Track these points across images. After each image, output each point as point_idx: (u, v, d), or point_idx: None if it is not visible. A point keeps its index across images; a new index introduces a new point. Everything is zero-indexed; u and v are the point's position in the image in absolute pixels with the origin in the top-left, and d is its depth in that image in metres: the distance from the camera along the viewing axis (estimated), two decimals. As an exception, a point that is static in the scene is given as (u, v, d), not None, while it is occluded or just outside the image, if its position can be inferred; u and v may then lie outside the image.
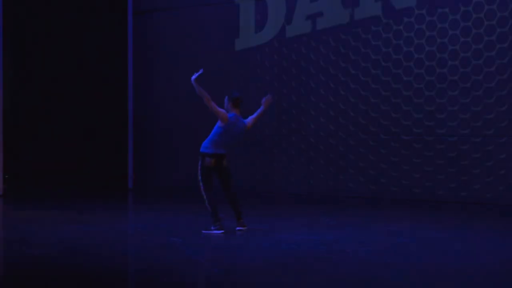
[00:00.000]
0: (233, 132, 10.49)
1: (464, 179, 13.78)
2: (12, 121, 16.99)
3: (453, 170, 13.89)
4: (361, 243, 9.63)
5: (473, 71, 13.70)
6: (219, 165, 10.48)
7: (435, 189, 14.05)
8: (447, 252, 9.11)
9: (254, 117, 10.76)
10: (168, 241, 9.81)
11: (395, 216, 12.58)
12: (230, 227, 10.49)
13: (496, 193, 13.49)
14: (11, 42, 16.79)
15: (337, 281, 7.62)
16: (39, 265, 8.35)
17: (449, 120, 13.94)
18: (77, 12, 17.89)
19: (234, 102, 10.52)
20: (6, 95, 16.34)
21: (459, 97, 13.83)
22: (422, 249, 9.36)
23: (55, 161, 17.70)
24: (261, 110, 10.85)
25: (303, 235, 10.27)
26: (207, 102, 10.31)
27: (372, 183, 14.73)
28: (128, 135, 17.63)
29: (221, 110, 10.40)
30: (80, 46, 17.95)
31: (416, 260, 8.60)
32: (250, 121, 10.69)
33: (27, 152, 17.66)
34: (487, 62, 13.57)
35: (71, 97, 18.01)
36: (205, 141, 10.49)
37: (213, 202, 10.37)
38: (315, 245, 9.55)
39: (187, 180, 15.14)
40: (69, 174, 17.58)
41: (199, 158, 10.47)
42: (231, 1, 16.41)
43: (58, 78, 18.00)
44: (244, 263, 8.52)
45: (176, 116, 17.08)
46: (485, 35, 13.60)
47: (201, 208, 10.75)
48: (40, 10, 17.75)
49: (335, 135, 15.15)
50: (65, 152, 17.80)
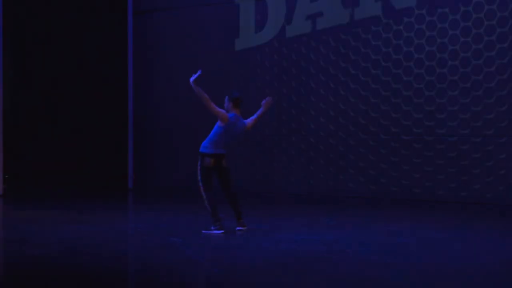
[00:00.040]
0: (233, 132, 10.49)
1: (464, 179, 13.78)
2: (12, 121, 16.99)
3: (453, 170, 13.89)
4: (361, 243, 9.63)
5: (473, 71, 13.71)
6: (218, 165, 10.48)
7: (435, 189, 14.05)
8: (447, 252, 9.11)
9: (254, 118, 10.76)
10: (168, 241, 9.81)
11: (395, 216, 12.58)
12: (230, 227, 10.49)
13: (496, 193, 13.49)
14: (11, 42, 16.79)
15: (337, 281, 7.62)
16: (39, 265, 8.34)
17: (449, 120, 13.94)
18: (77, 12, 17.88)
19: (234, 102, 10.51)
20: (6, 95, 16.34)
21: (459, 97, 13.83)
22: (422, 249, 9.36)
23: (55, 161, 17.70)
24: (260, 112, 10.85)
25: (303, 235, 10.27)
26: (207, 103, 10.30)
27: (372, 183, 14.73)
28: (128, 135, 17.62)
29: (220, 111, 10.39)
30: (80, 46, 17.95)
31: (416, 260, 8.60)
32: (250, 121, 10.69)
33: (27, 152, 17.65)
34: (487, 62, 13.57)
35: (71, 97, 18.01)
36: (205, 141, 10.48)
37: (213, 202, 10.36)
38: (315, 245, 9.55)
39: (187, 180, 15.14)
40: (69, 174, 17.57)
41: (199, 158, 10.47)
42: (231, 1, 16.41)
43: (58, 78, 18.00)
44: (244, 263, 8.51)
45: (176, 116, 17.07)
46: (485, 35, 13.60)
47: (201, 208, 10.75)
48: (40, 10, 17.74)
49: (335, 135, 15.15)
50: (65, 152, 17.79)
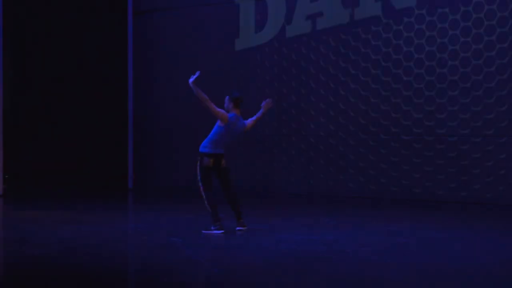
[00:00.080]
0: (233, 132, 10.49)
1: (464, 179, 13.78)
2: (12, 121, 16.98)
3: (453, 170, 13.89)
4: (361, 243, 9.63)
5: (473, 71, 13.70)
6: (218, 165, 10.47)
7: (435, 189, 14.04)
8: (447, 252, 9.10)
9: (253, 119, 10.76)
10: (168, 241, 9.81)
11: (395, 216, 12.58)
12: (230, 227, 10.49)
13: (496, 193, 13.49)
14: (11, 42, 16.79)
15: (337, 281, 7.61)
16: (39, 265, 8.34)
17: (449, 120, 13.93)
18: (77, 12, 17.88)
19: (235, 102, 10.50)
20: (6, 95, 16.33)
21: (459, 97, 13.83)
22: (422, 249, 9.36)
23: (55, 161, 17.69)
24: (260, 113, 10.84)
25: (303, 235, 10.27)
26: (206, 104, 10.28)
27: (372, 183, 14.72)
28: (128, 135, 17.62)
29: (220, 111, 10.38)
30: (80, 46, 17.95)
31: (416, 260, 8.60)
32: (250, 122, 10.69)
33: (27, 152, 17.65)
34: (487, 62, 13.57)
35: (71, 97, 18.00)
36: (205, 141, 10.47)
37: (212, 202, 10.35)
38: (315, 245, 9.55)
39: (187, 180, 15.14)
40: (69, 174, 17.57)
41: (198, 158, 10.46)
42: (231, 1, 16.41)
43: (58, 78, 17.99)
44: (244, 263, 8.51)
45: (176, 116, 17.07)
46: (485, 35, 13.59)
47: (201, 208, 10.74)
48: (40, 10, 17.74)
49: (335, 135, 15.15)
50: (65, 152, 17.79)
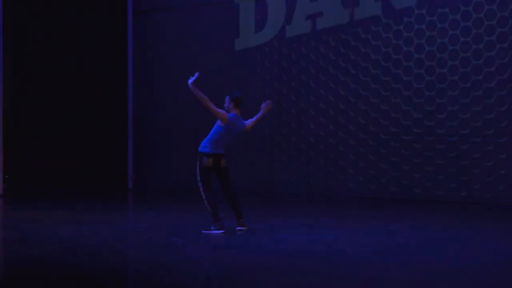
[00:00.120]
0: (233, 132, 10.48)
1: (464, 179, 13.78)
2: (12, 121, 16.98)
3: (453, 170, 13.89)
4: (361, 243, 9.63)
5: (473, 71, 13.70)
6: (217, 165, 10.46)
7: (435, 189, 14.04)
8: (447, 252, 9.11)
9: (253, 120, 10.75)
10: (168, 241, 9.81)
11: (395, 216, 12.58)
12: (230, 227, 10.48)
13: (496, 193, 13.48)
14: (11, 42, 16.78)
15: (337, 281, 7.61)
16: (39, 265, 8.34)
17: (449, 120, 13.93)
18: (77, 12, 17.87)
19: (235, 102, 10.49)
20: (6, 95, 16.33)
21: (459, 97, 13.83)
22: (422, 249, 9.36)
23: (55, 161, 17.69)
24: (260, 115, 10.84)
25: (303, 235, 10.27)
26: (206, 104, 10.26)
27: (372, 183, 14.72)
28: (128, 135, 17.62)
29: (220, 111, 10.38)
30: (80, 46, 17.94)
31: (416, 260, 8.60)
32: (250, 123, 10.69)
33: (27, 152, 17.64)
34: (487, 62, 13.56)
35: (71, 97, 18.00)
36: (204, 141, 10.46)
37: (212, 202, 10.35)
38: (315, 245, 9.55)
39: (187, 180, 15.13)
40: (69, 174, 17.56)
41: (198, 158, 10.45)
42: (231, 1, 16.41)
43: (58, 78, 17.99)
44: (244, 263, 8.51)
45: (176, 116, 17.07)
46: (485, 35, 13.59)
47: (201, 208, 10.74)
48: (40, 10, 17.73)
49: (335, 135, 15.14)
50: (65, 152, 17.78)
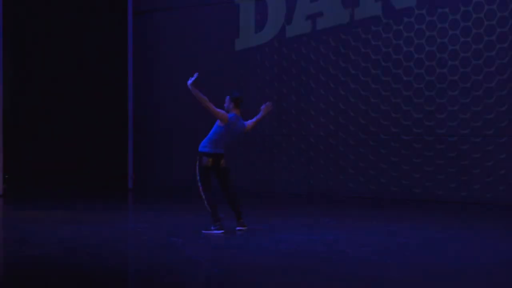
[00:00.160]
0: (233, 132, 10.48)
1: (464, 179, 13.78)
2: (12, 121, 16.98)
3: (453, 170, 13.89)
4: (361, 243, 9.63)
5: (473, 71, 13.70)
6: (217, 165, 10.45)
7: (435, 189, 14.04)
8: (447, 252, 9.11)
9: (253, 121, 10.75)
10: (168, 241, 9.80)
11: (395, 216, 12.58)
12: (230, 227, 10.48)
13: (496, 193, 13.48)
14: (11, 42, 16.78)
15: (337, 281, 7.61)
16: (39, 265, 8.34)
17: (449, 120, 13.93)
18: (77, 12, 17.87)
19: (235, 102, 10.49)
20: (6, 95, 16.33)
21: (459, 97, 13.83)
22: (422, 249, 9.36)
23: (55, 161, 17.69)
24: (260, 116, 10.84)
25: (303, 235, 10.27)
26: (205, 105, 10.25)
27: (372, 183, 14.72)
28: (128, 135, 17.62)
29: (220, 111, 10.37)
30: (80, 46, 17.94)
31: (416, 260, 8.60)
32: (250, 124, 10.68)
33: (27, 152, 17.64)
34: (487, 62, 13.57)
35: (71, 97, 18.00)
36: (204, 140, 10.45)
37: (212, 202, 10.34)
38: (315, 245, 9.55)
39: (187, 180, 15.13)
40: (69, 174, 17.56)
41: (197, 158, 10.45)
42: (231, 1, 16.41)
43: (58, 78, 17.99)
44: (244, 263, 8.51)
45: (176, 116, 17.07)
46: (485, 35, 13.59)
47: (201, 208, 10.74)
48: (40, 10, 17.73)
49: (335, 135, 15.14)
50: (65, 152, 17.78)
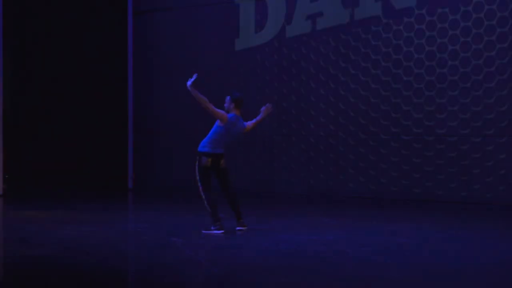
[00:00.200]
0: (232, 132, 10.48)
1: (464, 179, 13.78)
2: (12, 121, 16.98)
3: (453, 170, 13.89)
4: (361, 243, 9.63)
5: (473, 71, 13.70)
6: (216, 165, 10.45)
7: (435, 189, 14.04)
8: (447, 252, 9.11)
9: (253, 122, 10.75)
10: (168, 241, 9.81)
11: (395, 216, 12.58)
12: (230, 227, 10.48)
13: (496, 193, 13.48)
14: (11, 42, 16.79)
15: (337, 281, 7.61)
16: (39, 265, 8.34)
17: (449, 120, 13.93)
18: (77, 12, 17.88)
19: (236, 103, 10.49)
20: (6, 95, 16.33)
21: (459, 97, 13.83)
22: (422, 249, 9.36)
23: (55, 161, 17.69)
24: (259, 118, 10.84)
25: (303, 235, 10.27)
26: (205, 105, 10.24)
27: (372, 183, 14.72)
28: (128, 135, 17.62)
29: (219, 111, 10.37)
30: (80, 46, 17.94)
31: (416, 260, 8.60)
32: (250, 124, 10.68)
33: (27, 152, 17.65)
34: (487, 62, 13.56)
35: (71, 97, 18.00)
36: (203, 140, 10.45)
37: (212, 202, 10.34)
38: (315, 245, 9.55)
39: (187, 180, 15.13)
40: (69, 174, 17.57)
41: (197, 158, 10.44)
42: (231, 1, 16.41)
43: (58, 78, 17.99)
44: (244, 263, 8.51)
45: (176, 116, 17.07)
46: (485, 35, 13.59)
47: (201, 208, 10.74)
48: (40, 10, 17.74)
49: (335, 135, 15.14)
50: (65, 152, 17.78)
